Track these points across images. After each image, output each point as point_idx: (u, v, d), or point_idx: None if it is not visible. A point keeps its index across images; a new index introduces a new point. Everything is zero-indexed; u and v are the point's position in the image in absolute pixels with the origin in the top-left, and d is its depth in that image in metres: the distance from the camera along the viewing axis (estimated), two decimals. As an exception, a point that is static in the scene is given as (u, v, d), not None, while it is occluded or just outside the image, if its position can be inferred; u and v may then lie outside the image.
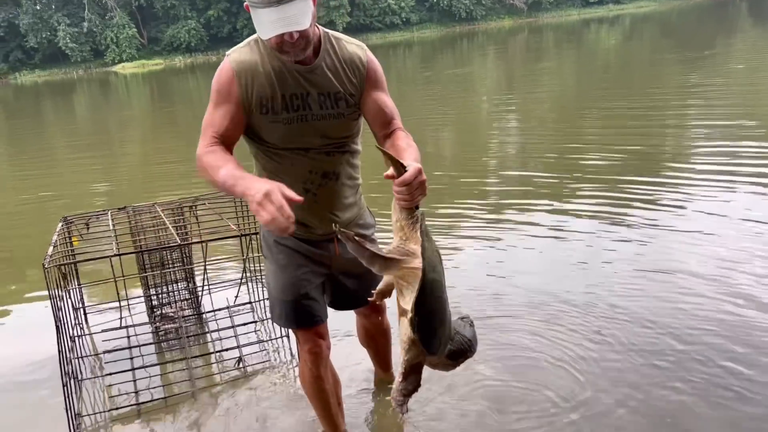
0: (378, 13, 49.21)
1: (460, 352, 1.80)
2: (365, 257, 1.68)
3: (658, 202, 4.97)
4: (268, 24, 1.74)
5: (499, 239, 4.53)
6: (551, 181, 6.01)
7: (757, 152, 6.08)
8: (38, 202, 7.51)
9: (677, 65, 13.92)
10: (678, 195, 5.06)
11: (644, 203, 4.94)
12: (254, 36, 1.92)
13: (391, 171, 1.66)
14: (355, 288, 2.23)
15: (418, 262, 1.63)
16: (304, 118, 1.93)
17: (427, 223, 1.71)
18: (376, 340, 2.62)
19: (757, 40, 18.56)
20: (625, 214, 4.73)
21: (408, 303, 1.63)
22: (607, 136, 7.83)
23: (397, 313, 1.71)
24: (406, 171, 1.64)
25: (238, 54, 1.91)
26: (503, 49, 27.78)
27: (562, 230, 4.57)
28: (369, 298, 1.86)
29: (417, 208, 1.69)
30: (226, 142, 1.90)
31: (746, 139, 6.72)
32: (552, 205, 5.20)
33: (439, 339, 1.70)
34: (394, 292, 1.76)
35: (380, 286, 1.83)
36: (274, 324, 3.35)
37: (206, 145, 1.88)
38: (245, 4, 1.79)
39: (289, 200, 1.59)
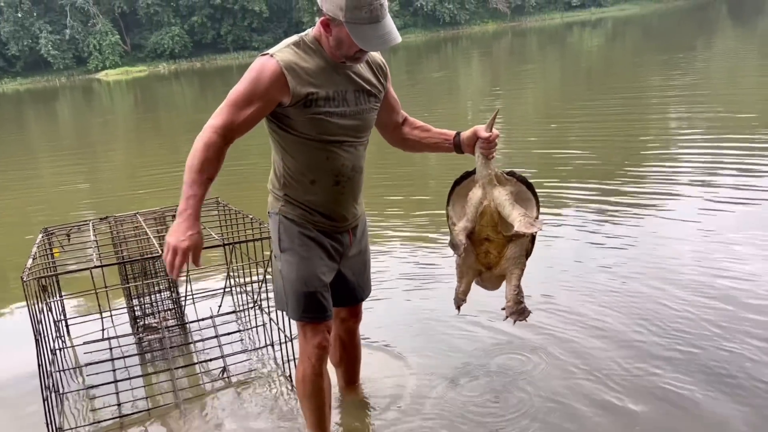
0: (362, 18, 49.18)
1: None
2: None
3: (644, 193, 5.16)
4: (374, 39, 1.91)
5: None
6: (536, 177, 6.12)
7: (737, 145, 6.31)
8: (21, 212, 7.42)
9: (659, 66, 14.06)
10: (662, 186, 5.27)
11: (630, 195, 5.13)
12: (291, 40, 2.06)
13: (485, 133, 2.14)
14: (354, 282, 2.34)
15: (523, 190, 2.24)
16: (344, 114, 2.06)
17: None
18: (348, 350, 2.60)
19: (737, 42, 18.80)
20: (612, 207, 4.90)
21: (523, 226, 2.11)
22: (591, 132, 8.02)
23: (495, 245, 2.25)
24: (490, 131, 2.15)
25: (281, 54, 1.99)
26: (487, 52, 27.91)
27: (548, 224, 4.63)
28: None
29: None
30: (235, 136, 2.01)
31: (727, 132, 6.98)
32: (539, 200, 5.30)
33: None
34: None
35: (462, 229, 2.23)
36: (258, 332, 3.37)
37: (217, 131, 1.95)
38: (322, 19, 1.96)
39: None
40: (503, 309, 2.32)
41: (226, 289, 3.74)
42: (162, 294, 3.77)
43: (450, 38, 42.18)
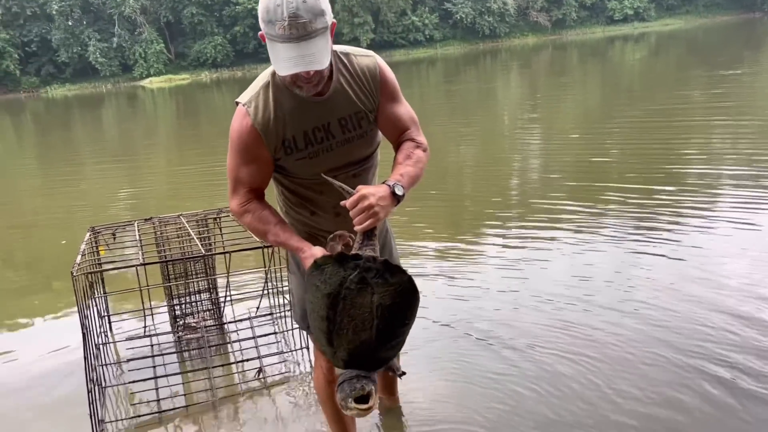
0: (402, 30, 49.56)
1: None
2: None
3: (683, 212, 5.04)
4: (285, 60, 1.67)
5: (523, 248, 4.58)
6: (573, 182, 6.15)
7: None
8: (67, 212, 7.66)
9: (703, 80, 13.80)
10: (703, 205, 5.16)
11: (670, 214, 5.02)
12: (264, 77, 1.87)
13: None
14: None
15: None
16: (329, 148, 1.89)
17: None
18: None
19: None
20: (651, 224, 4.80)
21: None
22: (630, 142, 8.02)
23: None
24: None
25: (254, 105, 1.84)
26: (527, 65, 27.74)
27: (587, 242, 4.61)
28: None
29: (373, 233, 1.74)
30: (259, 192, 1.96)
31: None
32: (576, 215, 5.27)
33: None
34: None
35: None
36: (294, 335, 3.41)
37: (240, 203, 1.93)
38: (260, 33, 1.72)
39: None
40: None
41: (264, 292, 3.80)
42: (201, 294, 3.85)
43: (489, 51, 42.02)
